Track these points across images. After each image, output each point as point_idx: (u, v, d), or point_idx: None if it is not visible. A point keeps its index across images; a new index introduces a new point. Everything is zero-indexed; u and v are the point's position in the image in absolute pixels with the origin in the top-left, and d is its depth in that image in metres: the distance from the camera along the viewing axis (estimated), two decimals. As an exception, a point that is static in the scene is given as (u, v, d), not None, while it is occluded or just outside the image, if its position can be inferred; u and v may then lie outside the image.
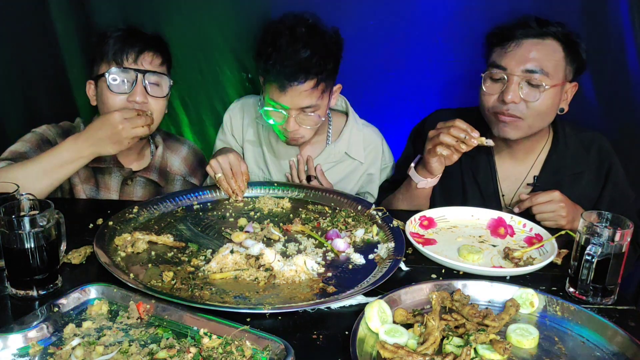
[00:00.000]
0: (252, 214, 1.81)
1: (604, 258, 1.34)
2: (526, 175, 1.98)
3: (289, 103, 1.89)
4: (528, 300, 1.33)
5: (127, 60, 1.83)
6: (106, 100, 1.85)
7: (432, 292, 1.32)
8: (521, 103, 1.80)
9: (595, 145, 1.97)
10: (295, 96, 1.87)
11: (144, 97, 1.85)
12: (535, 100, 1.79)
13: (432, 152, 1.80)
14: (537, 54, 1.79)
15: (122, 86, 1.84)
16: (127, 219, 1.68)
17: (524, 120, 1.83)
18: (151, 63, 1.87)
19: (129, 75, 1.83)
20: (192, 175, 2.18)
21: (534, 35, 1.80)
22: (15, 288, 1.32)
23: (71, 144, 1.72)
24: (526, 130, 1.86)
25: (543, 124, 1.88)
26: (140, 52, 1.85)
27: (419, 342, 1.18)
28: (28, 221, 1.28)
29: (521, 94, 1.79)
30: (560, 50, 1.81)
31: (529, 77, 1.78)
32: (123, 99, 1.84)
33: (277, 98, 1.89)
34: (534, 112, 1.81)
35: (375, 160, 2.21)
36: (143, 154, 2.07)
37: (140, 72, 1.83)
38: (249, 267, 1.45)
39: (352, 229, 1.70)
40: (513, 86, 1.79)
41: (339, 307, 1.32)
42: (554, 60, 1.80)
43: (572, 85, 1.87)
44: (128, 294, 1.28)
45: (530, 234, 1.71)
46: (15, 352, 1.12)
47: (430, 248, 1.60)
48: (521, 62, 1.79)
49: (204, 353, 1.10)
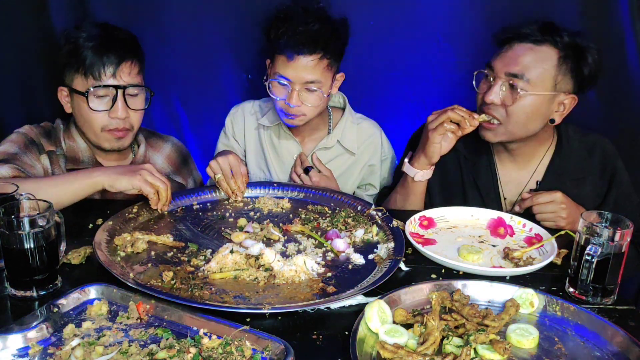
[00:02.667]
0: (252, 214, 1.81)
1: (604, 258, 1.34)
2: (529, 179, 1.97)
3: (294, 76, 1.93)
4: (528, 300, 1.33)
5: (105, 75, 1.80)
6: (87, 117, 1.84)
7: (432, 292, 1.32)
8: (501, 106, 1.80)
9: (599, 149, 1.96)
10: (301, 68, 1.92)
11: (125, 111, 1.84)
12: (513, 104, 1.78)
13: (439, 129, 1.80)
14: (525, 59, 1.77)
15: (103, 103, 1.83)
16: (127, 219, 1.68)
17: (502, 125, 1.83)
18: (129, 74, 1.85)
19: (108, 91, 1.82)
20: (177, 174, 2.17)
21: (530, 40, 1.78)
22: (15, 288, 1.32)
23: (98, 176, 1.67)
24: (506, 136, 1.85)
25: (525, 131, 1.85)
26: (118, 64, 1.81)
27: (419, 342, 1.18)
28: (28, 221, 1.28)
29: (501, 96, 1.79)
30: (554, 59, 1.77)
31: (511, 80, 1.78)
32: (104, 115, 1.84)
33: (284, 71, 1.94)
34: (513, 118, 1.80)
35: (375, 152, 2.24)
36: (124, 153, 2.05)
37: (120, 88, 1.82)
38: (249, 267, 1.45)
39: (352, 229, 1.70)
40: (495, 87, 1.80)
41: (339, 307, 1.32)
42: (542, 68, 1.77)
43: (571, 97, 1.82)
44: (128, 294, 1.28)
45: (530, 234, 1.70)
46: (15, 353, 1.12)
47: (430, 248, 1.60)
48: (506, 64, 1.79)
49: (203, 353, 1.10)
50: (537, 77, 1.77)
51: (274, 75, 1.97)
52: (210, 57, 2.39)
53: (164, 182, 1.71)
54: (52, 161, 1.91)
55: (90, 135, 1.90)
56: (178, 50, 2.37)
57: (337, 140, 2.19)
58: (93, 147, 1.97)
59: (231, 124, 2.24)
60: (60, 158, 1.93)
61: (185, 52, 2.38)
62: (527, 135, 1.87)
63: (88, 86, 1.80)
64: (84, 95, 1.80)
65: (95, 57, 1.79)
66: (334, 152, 2.20)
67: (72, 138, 1.97)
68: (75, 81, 1.83)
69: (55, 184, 1.67)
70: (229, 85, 2.45)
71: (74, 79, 1.83)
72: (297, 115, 2.01)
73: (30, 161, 1.86)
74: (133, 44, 1.89)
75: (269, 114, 2.19)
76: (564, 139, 1.95)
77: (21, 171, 1.79)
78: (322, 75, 1.96)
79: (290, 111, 2.00)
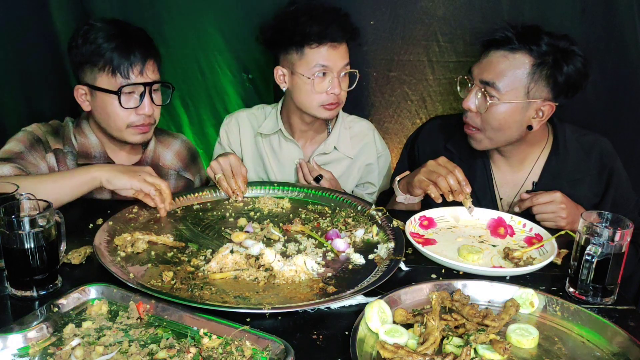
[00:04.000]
0: (252, 214, 1.81)
1: (604, 258, 1.34)
2: (525, 180, 1.97)
3: (333, 63, 1.97)
4: (528, 300, 1.33)
5: (133, 73, 1.83)
6: (113, 114, 1.86)
7: (432, 292, 1.32)
8: (477, 114, 1.82)
9: (596, 149, 1.95)
10: (337, 53, 1.97)
11: (151, 108, 1.88)
12: (484, 112, 1.79)
13: (423, 184, 1.77)
14: (498, 67, 1.77)
15: (132, 100, 1.86)
16: (127, 219, 1.68)
17: (481, 132, 1.84)
18: (153, 71, 1.89)
19: (138, 89, 1.85)
20: (186, 170, 2.17)
21: (506, 48, 1.77)
22: (15, 288, 1.32)
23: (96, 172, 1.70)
24: (488, 143, 1.87)
25: (504, 138, 1.85)
26: (143, 62, 1.85)
27: (419, 342, 1.18)
28: (28, 221, 1.28)
29: (476, 102, 1.81)
30: (527, 66, 1.75)
31: (484, 87, 1.79)
32: (131, 113, 1.87)
33: (324, 60, 1.96)
34: (488, 125, 1.81)
35: (370, 152, 2.25)
36: (135, 148, 2.06)
37: (148, 85, 1.85)
38: (249, 267, 1.45)
39: (352, 229, 1.70)
40: (471, 95, 1.82)
41: (339, 307, 1.32)
42: (514, 76, 1.76)
43: (548, 104, 1.80)
44: (128, 294, 1.28)
45: (530, 234, 1.70)
46: (15, 352, 1.12)
47: (430, 248, 1.60)
48: (481, 71, 1.81)
49: (204, 353, 1.10)
50: (507, 85, 1.77)
51: (312, 70, 1.97)
52: (211, 57, 2.39)
53: (164, 182, 1.72)
54: (58, 159, 1.93)
55: (114, 131, 1.92)
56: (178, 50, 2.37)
57: (334, 147, 2.19)
58: (106, 142, 1.99)
59: (226, 134, 2.23)
60: (68, 156, 1.95)
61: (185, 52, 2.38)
62: (508, 142, 1.88)
63: (117, 85, 1.82)
64: (115, 94, 1.83)
65: (122, 56, 1.82)
66: (332, 156, 2.21)
67: (84, 134, 1.98)
68: (99, 80, 1.84)
69: (54, 180, 1.68)
70: (229, 86, 2.45)
71: (97, 78, 1.84)
72: (338, 104, 2.04)
73: (34, 160, 1.87)
74: (152, 42, 1.93)
75: (267, 122, 2.19)
76: (561, 140, 1.95)
77: (22, 170, 1.79)
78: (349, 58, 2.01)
79: (333, 101, 2.01)
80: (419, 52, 2.29)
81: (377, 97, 2.42)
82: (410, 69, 2.33)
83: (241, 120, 2.22)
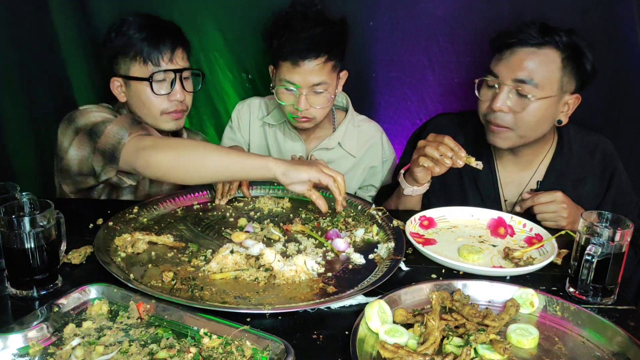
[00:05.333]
0: (252, 214, 1.81)
1: (604, 258, 1.34)
2: (529, 180, 1.97)
3: (301, 81, 1.95)
4: (528, 300, 1.33)
5: (164, 60, 1.89)
6: (148, 103, 1.92)
7: (432, 292, 1.32)
8: (510, 113, 1.78)
9: (599, 150, 1.95)
10: (307, 73, 1.94)
11: (182, 94, 1.94)
12: (523, 110, 1.77)
13: (416, 162, 1.77)
14: (530, 64, 1.75)
15: (163, 87, 1.91)
16: (127, 219, 1.68)
17: (513, 131, 1.81)
18: (183, 59, 1.95)
19: (167, 75, 1.90)
20: None
21: (531, 44, 1.76)
22: (15, 288, 1.32)
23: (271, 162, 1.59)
24: (516, 141, 1.84)
25: (536, 134, 1.85)
26: (173, 50, 1.90)
27: (419, 342, 1.18)
28: (28, 221, 1.28)
29: (509, 103, 1.77)
30: (557, 61, 1.76)
31: (518, 86, 1.76)
32: (165, 99, 1.92)
33: (290, 77, 1.96)
34: (523, 123, 1.79)
35: (375, 154, 2.26)
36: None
37: (178, 72, 1.91)
38: (249, 267, 1.45)
39: (352, 229, 1.70)
40: (502, 95, 1.77)
41: (339, 307, 1.32)
42: (548, 71, 1.76)
43: (574, 97, 1.82)
44: (128, 293, 1.28)
45: (530, 234, 1.70)
46: (15, 352, 1.12)
47: (430, 248, 1.60)
48: (512, 70, 1.77)
49: (204, 353, 1.10)
50: (544, 80, 1.75)
51: (281, 82, 1.99)
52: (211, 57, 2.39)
53: (340, 173, 1.65)
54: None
55: (149, 119, 1.95)
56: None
57: (338, 143, 2.20)
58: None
59: (237, 118, 2.29)
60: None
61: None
62: (538, 137, 1.87)
63: (149, 72, 1.88)
64: (147, 80, 1.88)
65: (152, 45, 1.88)
66: (335, 153, 2.21)
67: None
68: (132, 70, 1.90)
69: (228, 153, 1.64)
70: (229, 86, 2.45)
71: (131, 68, 1.90)
72: (307, 118, 2.04)
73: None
74: (181, 32, 1.98)
75: (274, 112, 2.22)
76: (565, 140, 1.95)
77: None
78: (328, 76, 1.98)
79: (299, 115, 2.02)
80: (419, 52, 2.29)
81: (377, 98, 2.42)
82: (410, 69, 2.33)
83: (253, 107, 2.27)
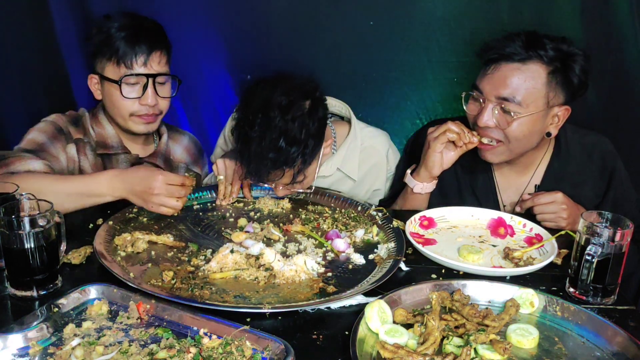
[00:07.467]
0: (252, 214, 1.81)
1: (604, 258, 1.34)
2: (527, 184, 1.96)
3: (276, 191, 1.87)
4: (528, 300, 1.33)
5: (137, 63, 1.85)
6: (118, 105, 1.90)
7: (432, 292, 1.32)
8: (497, 128, 1.77)
9: (597, 150, 1.94)
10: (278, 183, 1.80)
11: (154, 99, 1.90)
12: (508, 126, 1.75)
13: (440, 137, 1.77)
14: (514, 81, 1.72)
15: (134, 91, 1.88)
16: (127, 219, 1.68)
17: (503, 145, 1.80)
18: (159, 63, 1.90)
19: (139, 79, 1.87)
20: (195, 165, 2.24)
21: (516, 59, 1.72)
22: (15, 288, 1.32)
23: (107, 181, 1.67)
24: (508, 154, 1.83)
25: (526, 147, 1.83)
26: (148, 53, 1.86)
27: (419, 342, 1.18)
28: (28, 221, 1.28)
29: (495, 119, 1.76)
30: (543, 76, 1.72)
31: (502, 103, 1.74)
32: (134, 102, 1.89)
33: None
34: (511, 138, 1.77)
35: (379, 176, 2.12)
36: (148, 141, 2.12)
37: (151, 77, 1.87)
38: (249, 267, 1.45)
39: (352, 229, 1.70)
40: (487, 112, 1.76)
41: (339, 307, 1.32)
42: (533, 87, 1.72)
43: (564, 109, 1.78)
44: (128, 294, 1.28)
45: (530, 234, 1.70)
46: (15, 352, 1.12)
47: (430, 248, 1.60)
48: (496, 87, 1.74)
49: (204, 353, 1.10)
50: (528, 97, 1.72)
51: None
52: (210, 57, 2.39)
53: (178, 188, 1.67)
54: (79, 149, 1.94)
55: (119, 120, 1.95)
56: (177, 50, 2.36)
57: (337, 168, 2.03)
58: (121, 133, 2.01)
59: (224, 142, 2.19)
60: (87, 146, 1.96)
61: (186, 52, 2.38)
62: (527, 151, 1.86)
63: (120, 74, 1.86)
64: (116, 83, 1.86)
65: (127, 47, 1.85)
66: (332, 177, 2.06)
67: (100, 124, 2.00)
68: (107, 69, 1.88)
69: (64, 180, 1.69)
70: (228, 85, 2.45)
71: (106, 67, 1.88)
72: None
73: (56, 152, 1.88)
74: (162, 34, 1.95)
75: None
76: (562, 142, 1.94)
77: (50, 167, 1.80)
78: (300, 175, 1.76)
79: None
80: (419, 52, 2.29)
81: (377, 98, 2.41)
82: (410, 69, 2.33)
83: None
